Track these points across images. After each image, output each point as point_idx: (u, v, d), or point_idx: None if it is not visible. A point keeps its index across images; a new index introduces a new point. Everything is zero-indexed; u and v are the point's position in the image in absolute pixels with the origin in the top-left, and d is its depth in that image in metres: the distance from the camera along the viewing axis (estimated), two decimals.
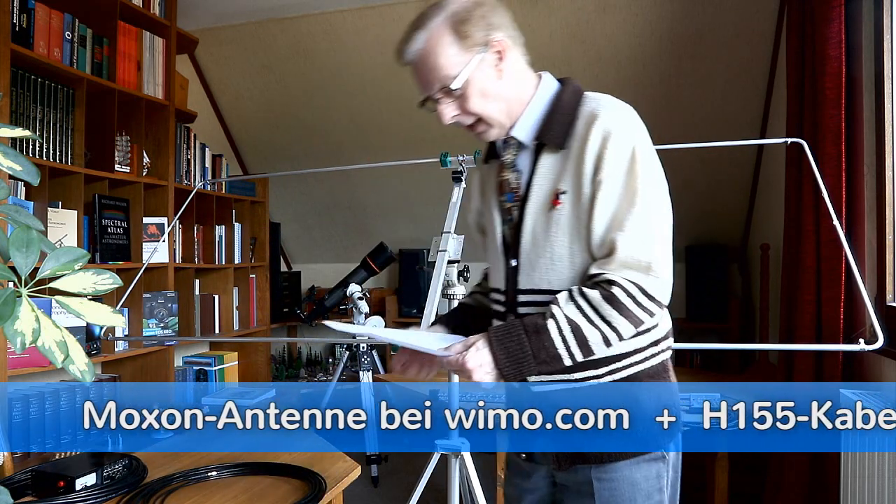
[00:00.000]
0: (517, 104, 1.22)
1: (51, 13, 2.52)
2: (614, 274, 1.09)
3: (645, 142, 1.15)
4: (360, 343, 3.52)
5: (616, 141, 1.12)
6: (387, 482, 3.48)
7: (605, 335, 1.10)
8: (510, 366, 1.11)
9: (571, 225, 1.16)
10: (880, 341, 1.67)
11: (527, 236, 1.20)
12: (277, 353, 4.79)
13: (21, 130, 0.79)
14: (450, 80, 1.17)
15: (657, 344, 1.21)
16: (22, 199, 2.40)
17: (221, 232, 3.66)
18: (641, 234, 1.10)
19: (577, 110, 1.18)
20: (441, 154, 1.97)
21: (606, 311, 1.09)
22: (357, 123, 4.06)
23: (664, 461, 1.22)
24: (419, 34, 1.20)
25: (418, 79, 1.22)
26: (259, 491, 1.73)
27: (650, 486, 1.20)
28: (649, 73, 3.35)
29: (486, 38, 1.17)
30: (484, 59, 1.17)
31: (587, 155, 1.13)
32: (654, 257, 1.10)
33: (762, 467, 2.79)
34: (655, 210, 1.13)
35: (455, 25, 1.17)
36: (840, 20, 2.33)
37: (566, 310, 1.10)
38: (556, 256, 1.17)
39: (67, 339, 0.72)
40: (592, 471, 1.21)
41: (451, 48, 1.17)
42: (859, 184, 2.37)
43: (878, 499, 1.85)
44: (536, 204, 1.20)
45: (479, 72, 1.17)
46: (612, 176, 1.12)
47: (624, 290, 1.09)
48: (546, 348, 1.10)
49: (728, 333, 3.78)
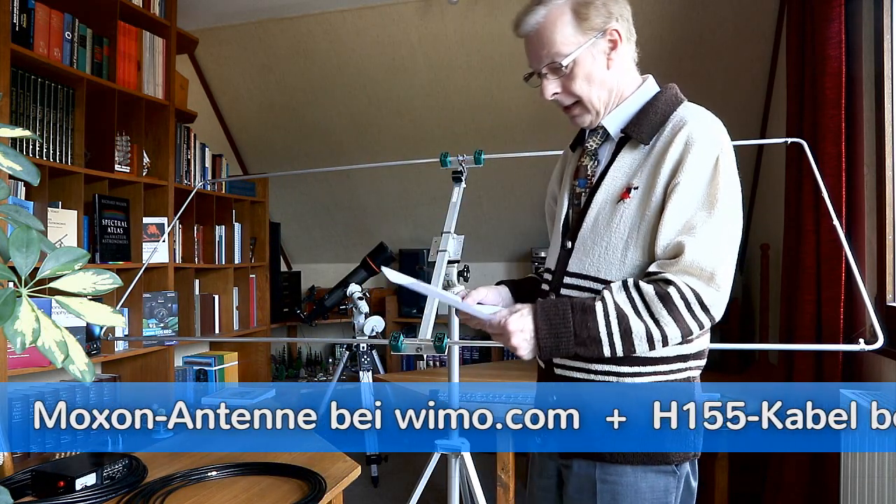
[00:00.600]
0: (616, 97, 1.24)
1: (51, 13, 2.52)
2: (674, 276, 1.08)
3: (728, 156, 1.15)
4: (360, 343, 3.52)
5: (699, 149, 1.12)
6: (387, 482, 3.48)
7: (650, 332, 1.08)
8: (549, 338, 1.10)
9: (633, 220, 1.16)
10: (880, 341, 1.66)
11: (588, 222, 1.21)
12: (277, 353, 4.79)
13: (21, 130, 0.79)
14: (560, 57, 1.19)
15: (685, 360, 1.18)
16: (22, 199, 2.40)
17: (221, 232, 3.66)
18: (712, 243, 1.09)
19: (671, 114, 1.20)
20: (441, 154, 1.97)
21: (657, 308, 1.08)
22: (357, 123, 4.06)
23: (674, 476, 1.18)
24: (540, 8, 1.21)
25: (529, 52, 1.24)
26: (259, 491, 1.73)
27: (655, 498, 1.17)
28: (649, 72, 3.34)
29: (605, 24, 1.19)
30: (597, 45, 1.20)
31: (668, 157, 1.14)
32: (718, 269, 1.09)
33: (762, 467, 2.79)
34: (730, 224, 1.12)
35: (577, 6, 1.19)
36: (840, 20, 2.33)
37: (617, 297, 1.10)
38: (611, 247, 1.17)
39: (67, 339, 0.72)
40: (597, 471, 1.19)
41: (569, 27, 1.18)
42: (859, 184, 2.37)
43: (878, 499, 1.85)
44: (606, 193, 1.21)
45: (589, 55, 1.20)
46: (691, 182, 1.11)
47: (680, 293, 1.08)
48: (588, 329, 1.09)
49: (728, 333, 3.77)
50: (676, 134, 1.15)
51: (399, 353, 1.33)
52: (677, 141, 1.14)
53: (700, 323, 1.10)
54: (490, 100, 3.66)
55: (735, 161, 1.17)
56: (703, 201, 1.11)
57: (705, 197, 1.11)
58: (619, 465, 1.17)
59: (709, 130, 1.15)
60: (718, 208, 1.10)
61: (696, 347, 1.19)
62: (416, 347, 1.24)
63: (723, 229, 1.11)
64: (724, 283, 1.10)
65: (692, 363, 1.19)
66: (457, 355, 1.99)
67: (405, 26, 3.44)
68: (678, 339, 1.10)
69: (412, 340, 1.25)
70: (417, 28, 3.44)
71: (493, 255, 4.54)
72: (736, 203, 1.14)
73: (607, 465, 1.18)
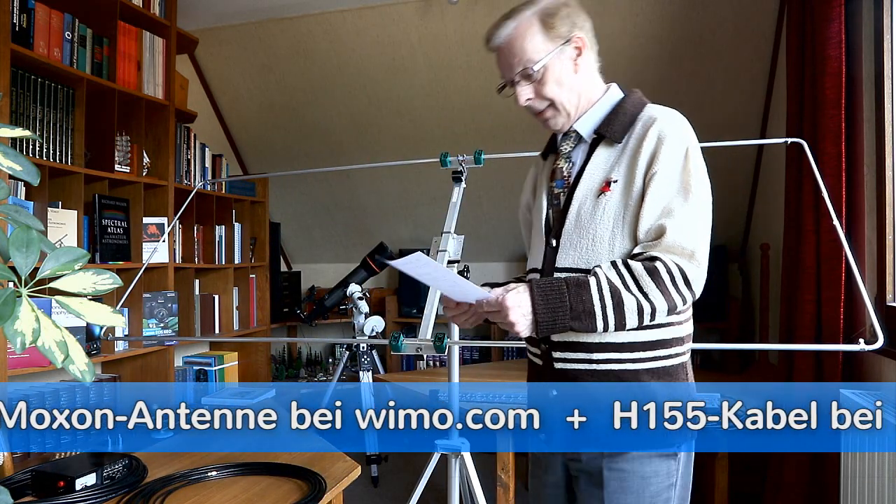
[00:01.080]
0: (585, 101, 1.34)
1: (51, 13, 2.52)
2: (659, 253, 1.16)
3: (696, 148, 1.26)
4: (360, 343, 3.52)
5: (671, 142, 1.22)
6: (387, 482, 3.48)
7: (640, 304, 1.14)
8: (546, 313, 1.14)
9: (617, 211, 1.24)
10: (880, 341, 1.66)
11: (571, 218, 1.29)
12: (277, 353, 4.79)
13: (21, 130, 0.79)
14: (532, 63, 1.28)
15: (681, 343, 1.25)
16: (22, 199, 2.40)
17: (221, 232, 3.66)
18: (690, 224, 1.18)
19: (639, 114, 1.29)
20: (441, 154, 1.97)
21: (646, 281, 1.14)
22: (357, 123, 4.06)
23: (675, 460, 1.24)
24: (509, 22, 1.31)
25: (501, 63, 1.34)
26: (259, 491, 1.73)
27: (659, 483, 1.23)
28: (649, 73, 3.35)
29: (570, 33, 1.29)
30: (564, 51, 1.29)
31: (643, 151, 1.23)
32: (697, 248, 1.18)
33: (762, 467, 2.79)
34: (704, 207, 1.22)
35: (543, 18, 1.29)
36: (840, 20, 2.33)
37: (608, 273, 1.16)
38: (597, 238, 1.24)
39: (67, 339, 0.72)
40: (605, 460, 1.24)
41: (538, 36, 1.29)
42: (859, 184, 2.37)
43: (878, 499, 1.85)
44: (586, 189, 1.28)
45: (558, 61, 1.29)
46: (666, 171, 1.20)
47: (666, 268, 1.15)
48: (584, 302, 1.14)
49: (728, 333, 3.78)
50: (648, 130, 1.24)
51: (399, 353, 1.34)
52: (650, 136, 1.23)
53: (683, 297, 1.17)
54: (490, 100, 3.66)
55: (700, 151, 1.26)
56: (679, 188, 1.21)
57: (680, 184, 1.21)
58: (624, 453, 1.23)
59: (677, 126, 1.25)
60: (692, 194, 1.20)
61: (685, 330, 1.27)
62: (416, 347, 1.24)
63: (698, 212, 1.20)
64: (703, 261, 1.19)
65: (685, 346, 1.28)
66: (457, 355, 1.99)
67: (405, 26, 3.44)
68: (665, 312, 1.17)
69: (412, 340, 1.25)
70: (417, 28, 3.44)
71: (493, 255, 4.54)
72: (706, 189, 1.24)
73: (614, 454, 1.24)
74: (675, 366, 1.24)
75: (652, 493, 1.22)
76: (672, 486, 1.23)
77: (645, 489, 1.22)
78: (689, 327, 1.29)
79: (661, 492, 1.23)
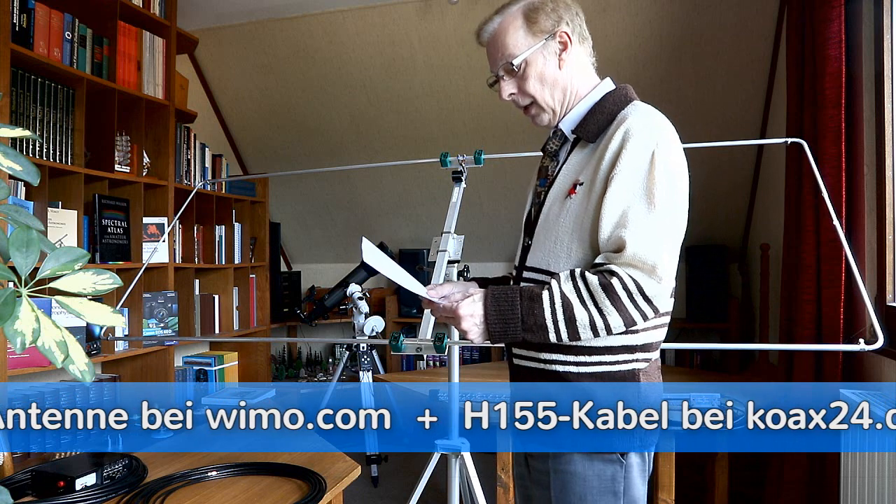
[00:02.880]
0: (572, 96, 1.31)
1: (51, 13, 2.52)
2: (619, 268, 1.12)
3: (667, 149, 1.17)
4: (360, 343, 3.52)
5: (635, 142, 1.16)
6: (387, 482, 3.48)
7: (593, 320, 1.12)
8: (497, 323, 1.15)
9: (577, 215, 1.21)
10: (880, 341, 1.66)
11: (542, 219, 1.28)
12: (277, 353, 4.79)
13: (21, 130, 0.79)
14: (513, 58, 1.27)
15: (633, 351, 1.20)
16: (22, 199, 2.40)
17: (221, 232, 3.66)
18: (652, 236, 1.12)
19: (618, 113, 1.24)
20: (441, 154, 1.97)
21: (600, 297, 1.11)
22: (357, 123, 4.06)
23: (621, 464, 1.21)
24: (496, 17, 1.31)
25: (489, 58, 1.33)
26: (259, 491, 1.73)
27: (602, 486, 1.21)
28: (649, 73, 3.35)
29: (554, 27, 1.27)
30: (548, 46, 1.27)
31: (608, 151, 1.18)
32: (659, 261, 1.12)
33: (762, 467, 2.79)
34: (669, 217, 1.15)
35: (527, 12, 1.28)
36: (840, 20, 2.33)
37: (563, 286, 1.14)
38: (557, 241, 1.23)
39: (67, 339, 0.72)
40: (550, 461, 1.24)
41: (520, 31, 1.28)
42: (859, 184, 2.37)
43: (878, 499, 1.85)
44: (556, 190, 1.27)
45: (540, 56, 1.28)
46: (626, 175, 1.15)
47: (622, 284, 1.11)
48: (535, 315, 1.13)
49: (728, 333, 3.78)
50: (616, 130, 1.19)
51: (399, 353, 1.34)
52: (616, 135, 1.18)
53: (643, 313, 1.13)
54: (490, 100, 3.66)
55: (676, 154, 1.19)
56: (641, 194, 1.14)
57: (643, 190, 1.14)
58: (567, 455, 1.22)
59: (646, 125, 1.18)
60: (657, 202, 1.13)
61: (642, 339, 1.21)
62: (416, 347, 1.24)
63: (662, 222, 1.14)
64: (666, 275, 1.13)
65: (639, 355, 1.21)
66: (457, 355, 1.99)
67: (405, 26, 3.44)
68: (621, 327, 1.14)
69: (412, 340, 1.25)
70: (417, 28, 3.44)
71: (493, 255, 4.54)
72: (675, 196, 1.16)
73: (558, 456, 1.23)
74: (624, 371, 1.20)
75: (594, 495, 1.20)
76: (617, 492, 1.21)
77: (587, 492, 1.20)
78: (649, 336, 1.22)
79: (604, 494, 1.20)
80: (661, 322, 1.24)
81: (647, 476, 1.27)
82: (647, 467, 1.26)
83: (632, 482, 1.22)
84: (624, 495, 1.21)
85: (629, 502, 1.22)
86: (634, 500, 1.23)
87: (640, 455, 1.24)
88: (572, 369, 1.20)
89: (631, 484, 1.22)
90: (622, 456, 1.21)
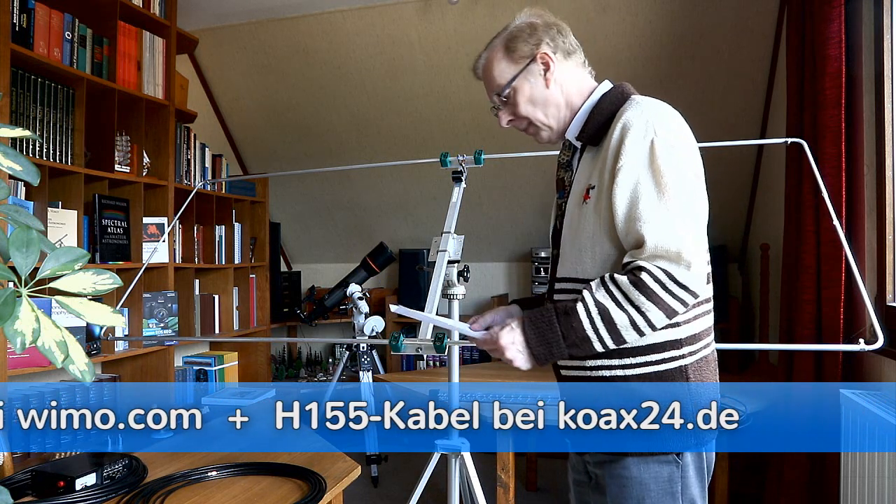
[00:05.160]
0: (568, 110, 1.34)
1: (51, 13, 2.52)
2: (645, 262, 1.12)
3: (666, 133, 1.17)
4: (360, 343, 3.52)
5: (633, 135, 1.17)
6: (387, 482, 3.48)
7: (633, 319, 1.12)
8: (540, 345, 1.16)
9: (595, 217, 1.22)
10: (880, 341, 1.66)
11: (566, 229, 1.30)
12: (277, 353, 4.79)
13: (21, 130, 0.79)
14: (500, 88, 1.34)
15: (678, 346, 1.20)
16: (22, 199, 2.40)
17: (221, 232, 3.66)
18: (668, 223, 1.13)
19: (617, 111, 1.25)
20: (441, 154, 1.97)
21: (634, 295, 1.12)
22: (357, 123, 4.06)
23: (677, 465, 1.21)
24: (484, 53, 1.39)
25: (486, 90, 1.40)
26: (259, 491, 1.73)
27: (660, 488, 1.20)
28: (649, 73, 3.35)
29: (532, 51, 1.31)
30: (530, 70, 1.32)
31: (610, 148, 1.20)
32: (683, 246, 1.12)
33: (762, 467, 2.79)
34: (683, 201, 1.15)
35: (507, 43, 1.34)
36: (840, 20, 2.33)
37: (596, 294, 1.14)
38: (581, 247, 1.24)
39: (67, 339, 0.72)
40: (605, 466, 1.24)
41: (503, 62, 1.34)
42: (859, 184, 2.37)
43: (878, 499, 1.85)
44: (573, 199, 1.29)
45: (525, 81, 1.32)
46: (629, 166, 1.16)
47: (652, 276, 1.11)
48: (575, 329, 1.14)
49: (728, 333, 3.78)
50: (615, 125, 1.21)
51: (399, 353, 1.35)
52: (616, 131, 1.20)
53: (681, 300, 1.12)
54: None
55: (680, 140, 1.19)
56: (649, 184, 1.15)
57: (650, 179, 1.15)
58: (623, 458, 1.22)
59: (642, 115, 1.19)
60: (666, 189, 1.14)
61: (685, 332, 1.21)
62: (416, 347, 1.25)
63: (676, 208, 1.14)
64: (694, 258, 1.12)
65: (685, 349, 1.21)
66: (457, 355, 1.99)
67: (405, 26, 3.44)
68: (663, 320, 1.13)
69: (412, 340, 1.26)
70: (417, 28, 3.44)
71: (493, 255, 4.54)
72: (684, 179, 1.16)
73: (613, 461, 1.23)
74: (672, 370, 1.20)
75: (653, 499, 1.20)
76: (675, 493, 1.20)
77: (645, 495, 1.20)
78: (692, 328, 1.21)
79: (662, 497, 1.20)
80: (703, 311, 1.24)
81: (706, 475, 1.27)
82: (704, 465, 1.26)
83: (689, 482, 1.22)
84: (682, 495, 1.21)
85: (687, 502, 1.22)
86: (693, 500, 1.23)
87: (696, 454, 1.24)
88: (619, 373, 1.21)
89: (688, 483, 1.22)
90: (678, 456, 1.21)
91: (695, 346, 1.22)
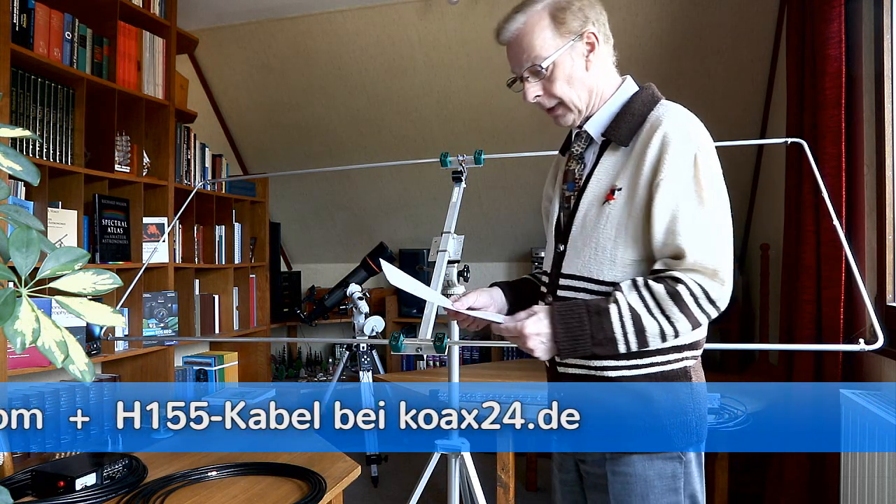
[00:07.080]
0: (597, 98, 1.29)
1: (51, 13, 2.52)
2: (682, 274, 1.13)
3: (706, 152, 1.18)
4: (360, 343, 3.52)
5: (676, 147, 1.16)
6: (387, 482, 3.48)
7: (662, 329, 1.13)
8: (567, 340, 1.15)
9: (620, 221, 1.20)
10: (880, 341, 1.66)
11: (577, 225, 1.26)
12: (277, 353, 4.79)
13: (21, 130, 0.79)
14: (540, 60, 1.23)
15: (681, 350, 1.23)
16: (22, 199, 2.40)
17: (221, 232, 3.66)
18: (708, 240, 1.14)
19: (648, 114, 1.23)
20: (441, 154, 1.97)
21: (667, 305, 1.12)
22: (357, 123, 4.06)
23: (681, 462, 1.22)
24: (519, 16, 1.25)
25: (511, 58, 1.28)
26: (259, 491, 1.73)
27: (664, 485, 1.21)
28: (649, 72, 3.35)
29: (581, 28, 1.24)
30: (575, 47, 1.24)
31: (647, 158, 1.17)
32: (720, 264, 1.14)
33: (762, 467, 2.79)
34: (720, 216, 1.17)
35: (554, 12, 1.23)
36: (840, 20, 2.33)
37: (629, 298, 1.14)
38: (599, 247, 1.22)
39: (67, 339, 0.72)
40: (608, 464, 1.24)
41: (547, 31, 1.23)
42: (859, 184, 2.37)
43: (878, 499, 1.85)
44: (592, 196, 1.25)
45: (568, 58, 1.24)
46: (673, 180, 1.15)
47: (689, 291, 1.12)
48: (604, 330, 1.14)
49: (728, 333, 3.78)
50: (653, 133, 1.18)
51: (399, 353, 1.34)
52: (654, 140, 1.17)
53: (708, 314, 1.15)
54: (490, 100, 3.66)
55: (714, 154, 1.20)
56: (693, 198, 1.15)
57: (693, 194, 1.15)
58: (627, 456, 1.22)
59: (684, 128, 1.18)
60: (706, 204, 1.15)
61: (690, 338, 1.23)
62: (416, 347, 1.24)
63: (715, 224, 1.15)
64: (728, 276, 1.15)
65: (687, 353, 1.24)
66: (457, 355, 1.99)
67: (405, 26, 3.44)
68: (688, 331, 1.16)
69: (412, 340, 1.25)
70: (417, 28, 3.44)
71: (493, 255, 4.54)
72: (721, 195, 1.18)
73: (616, 458, 1.23)
74: (677, 370, 1.22)
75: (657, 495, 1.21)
76: (678, 489, 1.21)
77: (649, 492, 1.21)
78: (697, 334, 1.24)
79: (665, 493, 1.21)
80: None
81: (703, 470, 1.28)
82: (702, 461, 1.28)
83: (691, 478, 1.24)
84: (684, 491, 1.23)
85: (690, 498, 1.23)
86: (695, 495, 1.24)
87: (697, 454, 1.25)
88: (626, 373, 1.21)
89: (690, 479, 1.24)
90: (682, 453, 1.22)
91: (695, 351, 1.26)
